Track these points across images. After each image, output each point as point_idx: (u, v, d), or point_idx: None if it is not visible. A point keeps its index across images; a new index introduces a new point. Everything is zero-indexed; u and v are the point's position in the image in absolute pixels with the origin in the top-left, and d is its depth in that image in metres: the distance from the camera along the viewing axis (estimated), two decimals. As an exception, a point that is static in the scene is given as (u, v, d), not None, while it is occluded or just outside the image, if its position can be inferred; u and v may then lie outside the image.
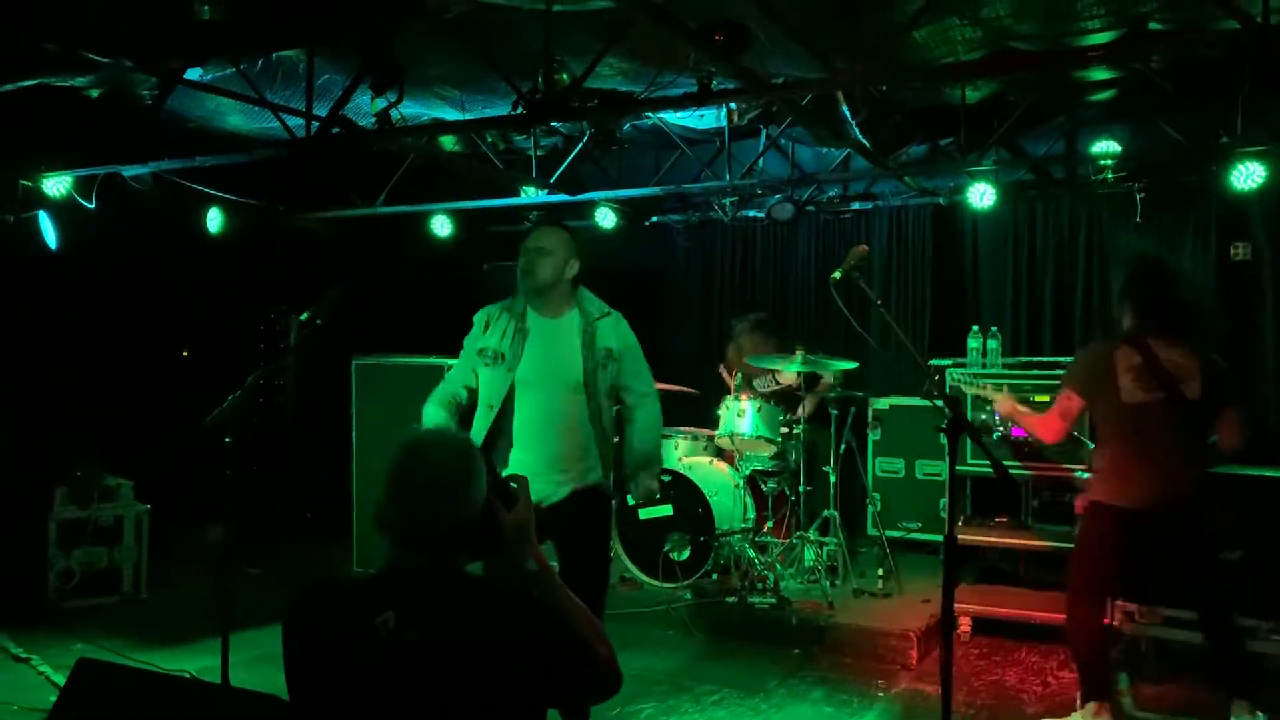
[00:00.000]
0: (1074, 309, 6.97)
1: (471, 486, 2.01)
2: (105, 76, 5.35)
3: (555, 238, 3.74)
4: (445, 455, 2.02)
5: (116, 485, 6.11)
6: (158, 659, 4.78)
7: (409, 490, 1.97)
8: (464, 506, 1.99)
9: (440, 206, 7.77)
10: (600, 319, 3.78)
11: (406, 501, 1.97)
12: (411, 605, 1.89)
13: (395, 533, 1.99)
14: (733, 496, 6.00)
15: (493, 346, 3.72)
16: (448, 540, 1.98)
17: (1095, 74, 5.67)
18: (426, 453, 2.02)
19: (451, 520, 1.98)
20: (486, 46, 4.93)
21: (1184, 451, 3.99)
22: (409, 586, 1.94)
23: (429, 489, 1.97)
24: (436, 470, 1.99)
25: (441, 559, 1.98)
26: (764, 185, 7.05)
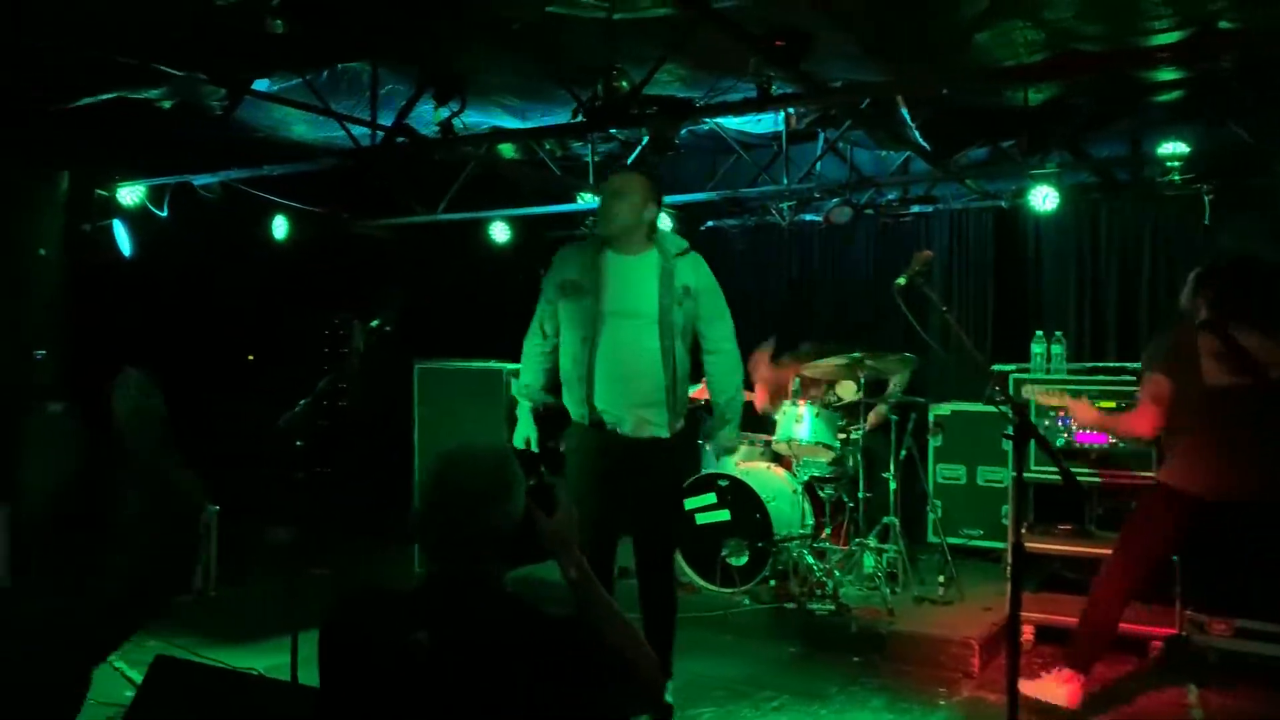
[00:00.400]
0: (1139, 313, 6.86)
1: (507, 498, 1.98)
2: (177, 88, 5.50)
3: (633, 182, 3.79)
4: (480, 467, 2.00)
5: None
6: (226, 656, 4.89)
7: (442, 502, 1.96)
8: (499, 519, 1.97)
9: (499, 213, 7.85)
10: (679, 256, 3.80)
11: (440, 513, 1.96)
12: (444, 619, 1.88)
13: (429, 545, 1.99)
14: (790, 502, 5.99)
15: (573, 278, 3.76)
16: (482, 553, 1.96)
17: (1162, 74, 5.57)
18: (461, 464, 2.00)
19: (486, 533, 1.96)
20: (547, 55, 4.98)
21: (1271, 437, 3.87)
22: (443, 600, 1.93)
23: (463, 501, 1.95)
24: (471, 482, 1.97)
25: (476, 571, 1.96)
26: (822, 189, 7.02)
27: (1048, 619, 5.35)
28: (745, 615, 5.61)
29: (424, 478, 2.02)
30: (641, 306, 3.73)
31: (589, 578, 2.03)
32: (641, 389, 3.72)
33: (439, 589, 1.95)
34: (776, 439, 6.09)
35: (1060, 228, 7.12)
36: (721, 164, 7.43)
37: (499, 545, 1.97)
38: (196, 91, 5.59)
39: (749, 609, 5.67)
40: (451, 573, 1.95)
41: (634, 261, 3.78)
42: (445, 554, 1.96)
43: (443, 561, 1.96)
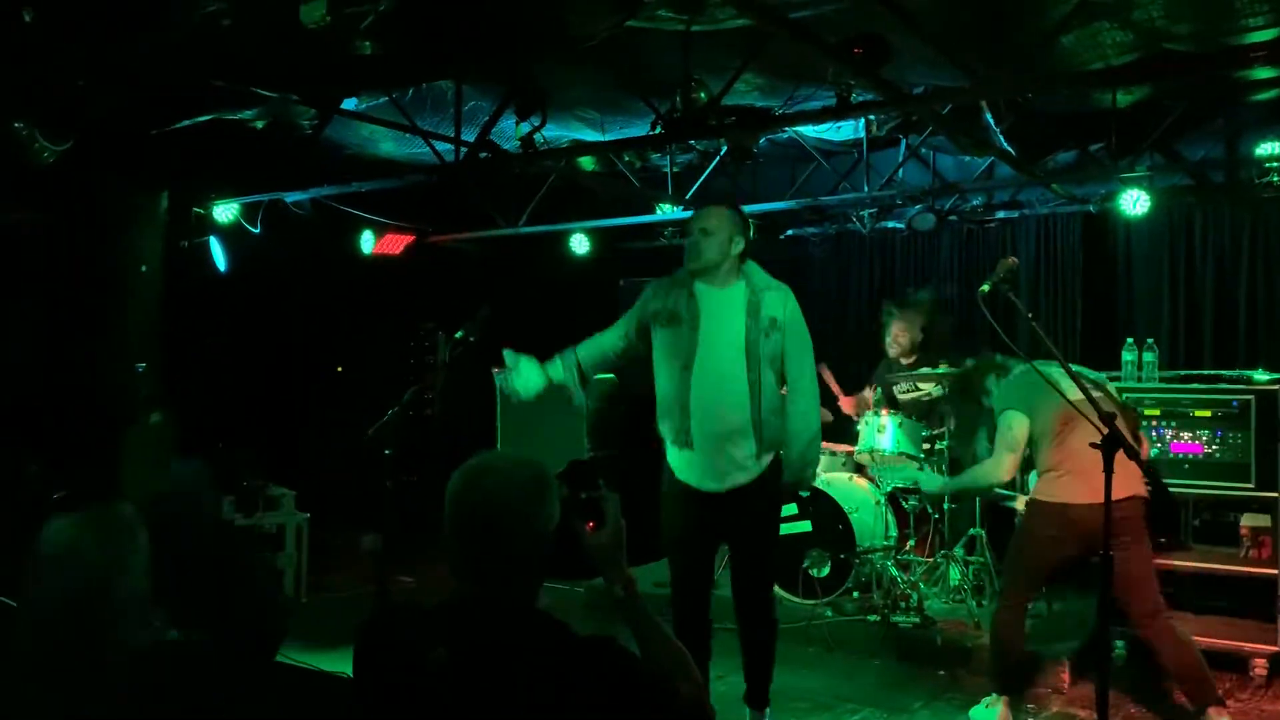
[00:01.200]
0: (1238, 319, 6.63)
1: (538, 517, 1.86)
2: (268, 109, 5.69)
3: (719, 218, 3.82)
4: (509, 483, 1.86)
5: (279, 495, 6.46)
6: (317, 660, 5.01)
7: (467, 521, 1.85)
8: (528, 540, 1.85)
9: (578, 225, 7.93)
10: (766, 290, 3.83)
11: (464, 534, 1.85)
12: (467, 639, 1.79)
13: (453, 565, 1.87)
14: (873, 514, 5.93)
15: (670, 307, 3.81)
16: (510, 575, 1.85)
17: (1258, 73, 5.39)
18: (487, 480, 1.87)
19: (514, 555, 1.84)
20: (625, 68, 5.03)
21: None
22: (467, 619, 1.82)
23: (489, 521, 1.83)
24: (498, 499, 1.84)
25: (503, 591, 1.84)
26: (904, 196, 6.94)
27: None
28: (828, 627, 5.56)
29: (449, 494, 1.87)
30: (730, 338, 3.76)
31: (636, 596, 1.93)
32: (730, 420, 3.76)
33: (464, 607, 1.85)
34: (859, 449, 6.03)
35: (1152, 232, 6.93)
36: (801, 172, 7.39)
37: (528, 566, 1.86)
38: (288, 111, 5.78)
39: (832, 620, 5.62)
40: (479, 595, 1.84)
41: (722, 294, 3.81)
42: (470, 575, 1.85)
43: (470, 582, 1.85)
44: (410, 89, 5.51)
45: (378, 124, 5.68)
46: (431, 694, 1.76)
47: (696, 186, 6.93)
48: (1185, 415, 5.20)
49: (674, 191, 6.95)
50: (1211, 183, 6.63)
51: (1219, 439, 5.11)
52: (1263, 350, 6.40)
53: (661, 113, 5.03)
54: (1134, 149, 6.05)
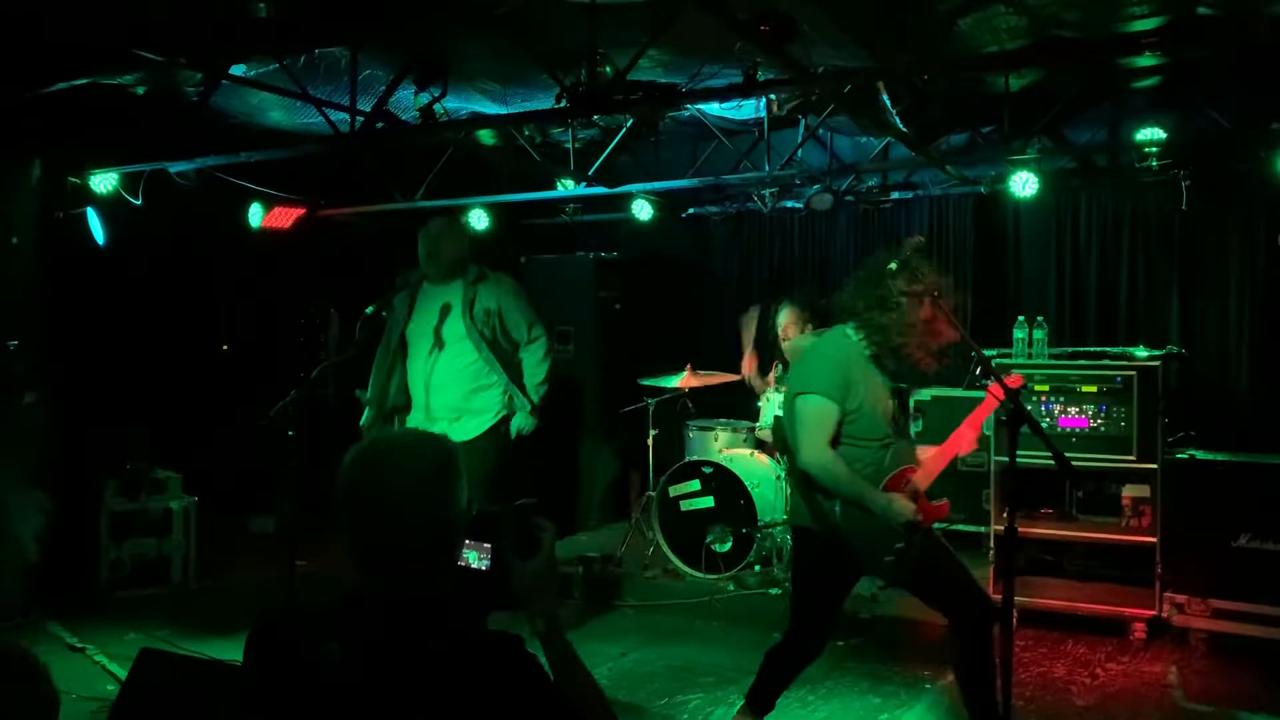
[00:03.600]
0: (1119, 298, 6.91)
1: (439, 498, 1.74)
2: (151, 73, 5.42)
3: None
4: (406, 461, 1.74)
5: (165, 478, 6.21)
6: (209, 648, 4.84)
7: (359, 503, 1.72)
8: (426, 524, 1.72)
9: (478, 200, 7.79)
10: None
11: (358, 516, 1.72)
12: (362, 634, 1.66)
13: (348, 550, 1.72)
14: (774, 488, 6.01)
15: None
16: (408, 561, 1.71)
17: (1140, 61, 5.60)
18: (381, 458, 1.75)
19: (412, 538, 1.71)
20: (530, 40, 4.94)
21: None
22: (363, 613, 1.70)
23: (387, 500, 1.70)
24: (397, 478, 1.72)
25: (401, 581, 1.71)
26: (803, 175, 7.01)
27: (1030, 602, 5.39)
28: (731, 601, 5.62)
29: (341, 474, 1.73)
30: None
31: (557, 631, 1.79)
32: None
33: (358, 603, 1.71)
34: (760, 426, 6.11)
35: (1040, 213, 7.15)
36: (703, 150, 7.40)
37: (430, 553, 1.73)
38: (171, 77, 5.50)
39: (734, 594, 5.68)
40: (377, 586, 1.71)
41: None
42: (366, 563, 1.72)
43: (368, 571, 1.72)
44: (303, 56, 5.30)
45: (269, 91, 5.46)
46: (323, 693, 1.64)
47: (599, 163, 6.88)
48: (1072, 391, 5.40)
49: (576, 168, 6.88)
50: (1096, 166, 6.89)
51: (1103, 413, 5.32)
52: (1143, 327, 6.68)
53: (566, 86, 4.95)
54: (1024, 132, 6.22)
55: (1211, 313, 6.61)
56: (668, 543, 6.11)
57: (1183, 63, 5.58)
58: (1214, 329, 6.59)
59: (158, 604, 5.83)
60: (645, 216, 7.78)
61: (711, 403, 7.01)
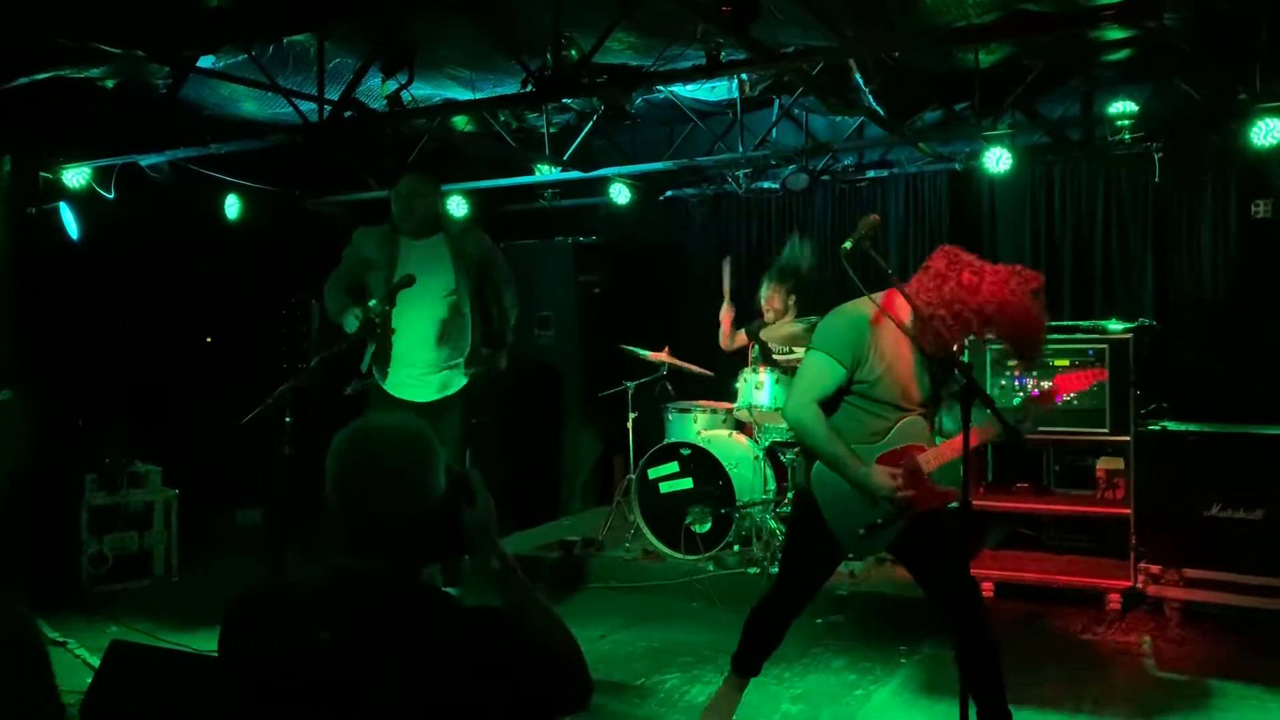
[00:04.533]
0: (1093, 271, 6.91)
1: (428, 479, 1.80)
2: (119, 67, 5.40)
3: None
4: (397, 444, 1.80)
5: (145, 471, 6.21)
6: (190, 640, 4.86)
7: (357, 486, 1.77)
8: (421, 503, 1.78)
9: (455, 187, 7.78)
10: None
11: (354, 500, 1.76)
12: (356, 617, 1.70)
13: (344, 537, 1.77)
14: (753, 468, 6.03)
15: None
16: (400, 541, 1.77)
17: (1110, 34, 5.60)
18: (375, 442, 1.80)
19: (407, 521, 1.77)
20: (496, 25, 4.93)
21: None
22: (354, 595, 1.73)
23: (381, 484, 1.76)
24: (389, 461, 1.78)
25: (393, 562, 1.76)
26: (778, 156, 7.02)
27: (1008, 575, 5.44)
28: (710, 581, 5.65)
29: (332, 460, 1.79)
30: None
31: (511, 567, 1.85)
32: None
33: (348, 584, 1.75)
34: (737, 406, 6.12)
35: (1014, 189, 7.15)
36: (678, 133, 7.40)
37: (419, 534, 1.79)
38: (139, 70, 5.49)
39: (713, 575, 5.71)
40: (367, 568, 1.75)
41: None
42: (361, 547, 1.76)
43: (357, 553, 1.76)
44: (271, 45, 5.29)
45: (237, 83, 5.45)
46: (314, 677, 1.67)
47: (574, 147, 6.87)
48: (1045, 364, 5.42)
49: (551, 152, 6.87)
50: (1069, 140, 6.89)
51: (1076, 386, 5.33)
52: (1117, 301, 6.70)
53: (533, 71, 4.95)
54: (996, 108, 6.22)
55: (1186, 285, 6.63)
56: (647, 524, 6.13)
57: (1153, 35, 5.58)
58: (1188, 301, 6.61)
59: (139, 597, 5.85)
60: (623, 200, 7.78)
61: (690, 385, 7.02)
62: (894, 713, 4.17)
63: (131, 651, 3.28)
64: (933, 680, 4.45)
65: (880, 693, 4.35)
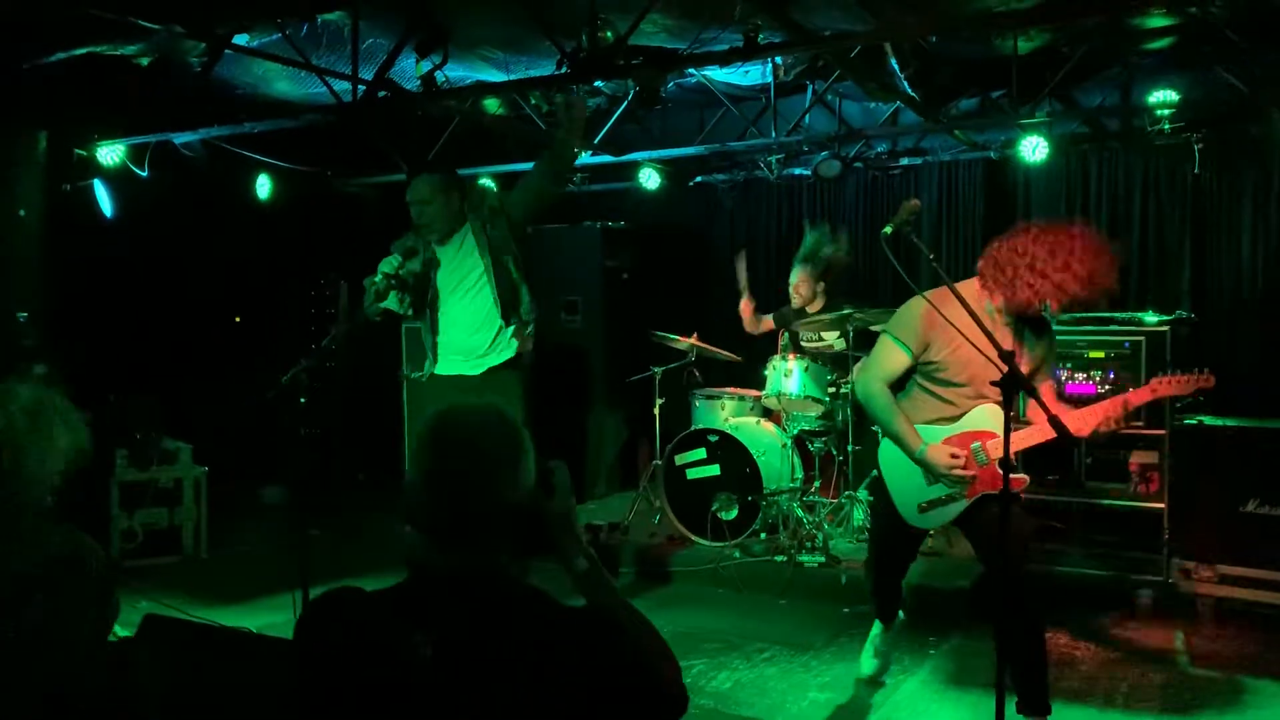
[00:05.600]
0: (1130, 263, 6.82)
1: (521, 466, 1.69)
2: (154, 44, 5.41)
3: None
4: (490, 428, 1.69)
5: (175, 448, 6.26)
6: (219, 616, 4.89)
7: (449, 473, 1.65)
8: (515, 492, 1.67)
9: (485, 170, 7.76)
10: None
11: (446, 488, 1.65)
12: (449, 618, 1.59)
13: (434, 528, 1.65)
14: (780, 456, 6.00)
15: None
16: (496, 536, 1.66)
17: (1152, 21, 5.50)
18: (468, 426, 1.69)
19: (502, 510, 1.66)
20: (530, 5, 4.90)
21: None
22: (446, 594, 1.63)
23: (475, 471, 1.65)
24: (483, 447, 1.67)
25: (484, 559, 1.66)
26: (810, 142, 6.95)
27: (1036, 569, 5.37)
28: (736, 568, 5.63)
29: (420, 445, 1.69)
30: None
31: (600, 568, 1.76)
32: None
33: (437, 583, 1.64)
34: (766, 394, 6.08)
35: (1050, 178, 7.07)
36: (710, 118, 7.35)
37: (514, 525, 1.67)
38: (175, 47, 5.50)
39: (740, 561, 5.69)
40: (457, 565, 1.64)
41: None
42: (452, 540, 1.64)
43: (448, 549, 1.64)
44: (305, 24, 5.28)
45: (271, 60, 5.44)
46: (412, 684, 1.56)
47: (605, 131, 6.84)
48: (1080, 356, 5.36)
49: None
50: (1106, 130, 6.79)
51: (1111, 379, 5.29)
52: (1153, 292, 6.62)
53: (567, 52, 4.92)
54: (1034, 96, 6.13)
55: (1225, 277, 6.53)
56: (674, 510, 6.12)
57: (1195, 23, 5.47)
58: (1226, 294, 6.52)
59: (169, 573, 5.89)
60: (652, 185, 7.75)
61: (718, 371, 6.99)
62: (922, 703, 4.14)
63: (166, 626, 3.29)
64: (961, 671, 4.42)
65: (909, 683, 4.32)
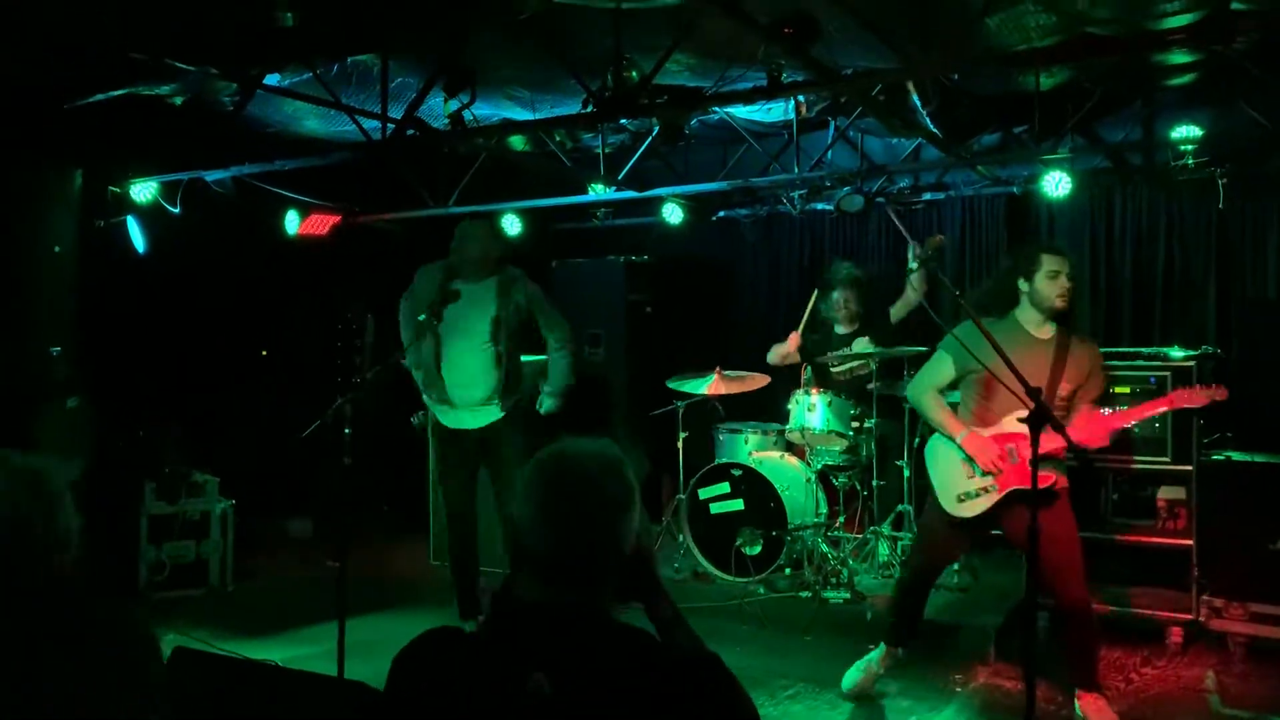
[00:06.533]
0: (1154, 299, 6.82)
1: (633, 508, 1.69)
2: (188, 84, 5.52)
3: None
4: (605, 469, 1.69)
5: (203, 481, 6.33)
6: (246, 649, 4.92)
7: (567, 512, 1.64)
8: (626, 534, 1.67)
9: (510, 205, 7.84)
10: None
11: (562, 526, 1.63)
12: (562, 658, 1.57)
13: (543, 564, 1.64)
14: (804, 491, 5.99)
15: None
16: (605, 576, 1.66)
17: (1174, 57, 5.53)
18: (583, 466, 1.68)
19: (613, 551, 1.66)
20: (556, 46, 4.98)
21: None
22: (558, 635, 1.60)
23: (593, 511, 1.65)
24: (600, 487, 1.66)
25: (594, 599, 1.64)
26: (833, 177, 6.98)
27: (1064, 605, 5.33)
28: (760, 604, 5.62)
29: (535, 481, 1.68)
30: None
31: (681, 616, 1.76)
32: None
33: (548, 622, 1.61)
34: (789, 428, 6.09)
35: (1073, 213, 7.08)
36: (733, 154, 7.41)
37: (620, 567, 1.67)
38: (207, 87, 5.61)
39: (764, 598, 5.67)
40: (568, 603, 1.62)
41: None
42: (562, 576, 1.63)
43: (559, 587, 1.63)
44: (335, 65, 5.39)
45: (302, 100, 5.54)
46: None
47: (629, 167, 6.90)
48: (1106, 391, 5.32)
49: (606, 172, 6.91)
50: (1129, 165, 6.79)
51: (1137, 414, 5.24)
52: (1177, 327, 6.59)
53: (592, 91, 4.99)
54: (1056, 131, 6.15)
55: (1250, 312, 6.50)
56: (697, 545, 6.11)
57: (1218, 59, 5.49)
58: (1253, 328, 6.48)
59: (196, 605, 5.94)
60: (675, 220, 7.80)
61: (741, 405, 7.00)
62: (949, 742, 4.11)
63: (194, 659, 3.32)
64: (988, 709, 4.38)
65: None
